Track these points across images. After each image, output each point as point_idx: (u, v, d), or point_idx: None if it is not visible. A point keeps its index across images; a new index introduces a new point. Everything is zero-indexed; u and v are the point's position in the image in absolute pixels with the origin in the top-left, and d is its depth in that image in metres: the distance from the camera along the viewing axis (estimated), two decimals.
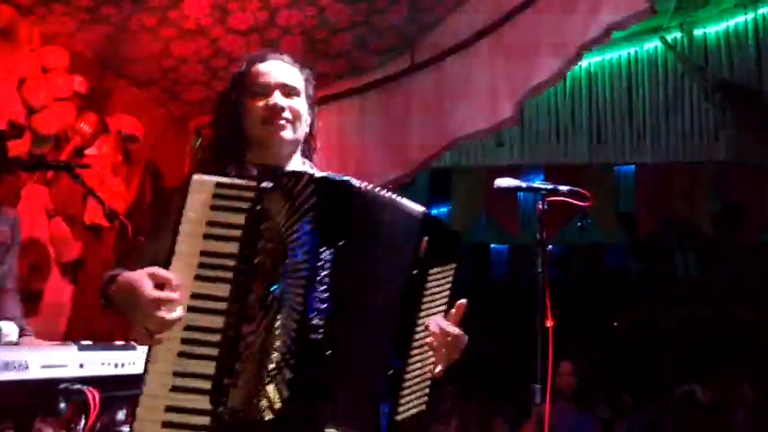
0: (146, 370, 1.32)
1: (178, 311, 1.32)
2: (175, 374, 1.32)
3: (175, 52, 3.89)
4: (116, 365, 1.98)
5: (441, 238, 1.56)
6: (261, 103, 1.61)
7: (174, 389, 1.31)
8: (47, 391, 1.75)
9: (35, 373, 1.70)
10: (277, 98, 1.60)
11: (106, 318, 3.87)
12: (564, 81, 5.06)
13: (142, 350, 1.97)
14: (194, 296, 1.35)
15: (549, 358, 2.44)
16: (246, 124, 1.62)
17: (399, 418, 1.46)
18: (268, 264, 1.36)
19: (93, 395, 1.81)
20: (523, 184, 2.34)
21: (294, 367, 1.31)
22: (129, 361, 2.02)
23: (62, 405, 1.78)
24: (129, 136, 3.97)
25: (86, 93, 3.63)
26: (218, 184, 1.40)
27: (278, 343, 1.33)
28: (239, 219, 1.38)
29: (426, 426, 1.55)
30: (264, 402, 1.31)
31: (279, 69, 1.65)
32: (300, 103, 1.64)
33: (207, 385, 1.31)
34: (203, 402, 1.31)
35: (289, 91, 1.62)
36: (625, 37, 4.89)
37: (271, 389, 1.31)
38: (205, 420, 1.31)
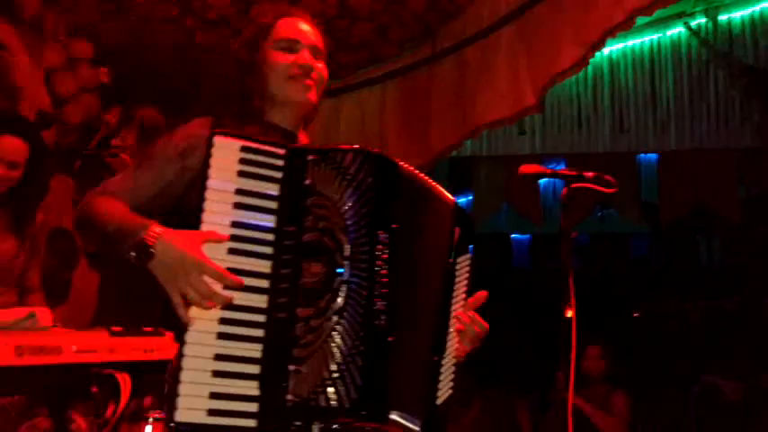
0: (182, 353, 1.20)
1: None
2: (217, 358, 1.22)
3: (199, 42, 3.92)
4: (145, 351, 2.01)
5: (466, 227, 1.55)
6: (290, 59, 1.50)
7: (217, 374, 1.21)
8: (79, 374, 1.79)
9: (69, 357, 1.74)
10: (306, 55, 1.51)
11: (130, 305, 3.94)
12: (586, 69, 5.01)
13: (170, 336, 2.01)
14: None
15: (573, 346, 2.44)
16: (268, 79, 1.50)
17: (438, 402, 1.46)
18: (328, 243, 1.28)
19: (123, 379, 1.84)
20: (548, 170, 2.32)
21: (364, 354, 1.25)
22: (158, 347, 2.06)
23: (94, 389, 1.82)
24: (153, 126, 4.01)
25: (111, 83, 3.68)
26: (246, 149, 1.29)
27: (344, 329, 1.26)
28: (273, 188, 1.30)
29: (450, 407, 1.53)
30: (334, 390, 1.23)
31: (308, 28, 1.57)
32: (324, 69, 1.57)
33: (254, 369, 1.23)
34: (251, 388, 1.23)
35: (317, 53, 1.55)
36: (648, 23, 4.82)
37: (344, 376, 1.24)
38: (253, 407, 1.22)
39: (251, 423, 1.22)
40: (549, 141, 5.10)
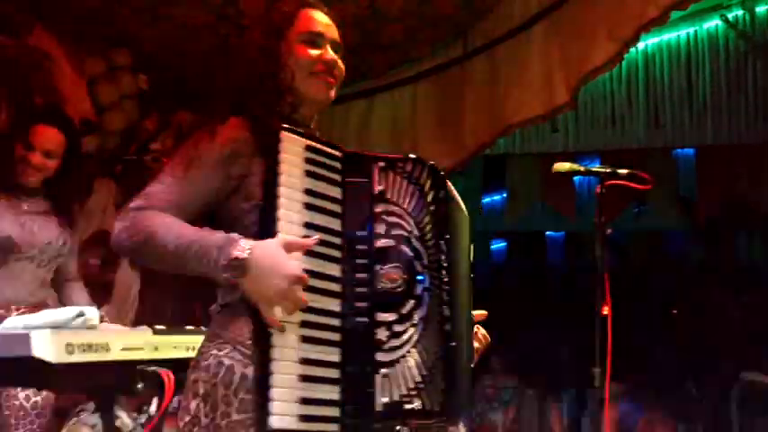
0: (268, 358, 1.17)
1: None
2: (303, 362, 1.20)
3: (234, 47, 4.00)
4: (187, 349, 2.07)
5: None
6: (313, 53, 1.45)
7: (305, 378, 1.19)
8: (125, 371, 1.85)
9: (115, 354, 1.80)
10: (332, 53, 1.46)
11: (170, 305, 4.04)
12: (620, 64, 4.98)
13: None
14: (311, 274, 1.21)
15: (609, 343, 2.43)
16: (290, 72, 1.43)
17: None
18: (406, 251, 1.31)
19: (168, 376, 1.90)
20: (582, 168, 2.33)
21: (444, 360, 1.32)
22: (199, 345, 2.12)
23: (139, 385, 1.89)
24: (190, 130, 4.11)
25: (150, 90, 3.78)
26: (310, 148, 1.27)
27: (429, 335, 1.31)
28: (336, 191, 1.28)
29: None
30: (426, 395, 1.29)
31: (329, 21, 1.51)
32: (342, 65, 1.50)
33: (334, 374, 1.23)
34: (334, 393, 1.23)
35: (337, 49, 1.49)
36: (684, 17, 4.76)
37: (432, 381, 1.30)
38: (336, 412, 1.23)
39: (334, 428, 1.23)
40: (583, 138, 5.08)
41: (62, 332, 1.66)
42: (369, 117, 4.64)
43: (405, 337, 1.28)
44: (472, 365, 1.50)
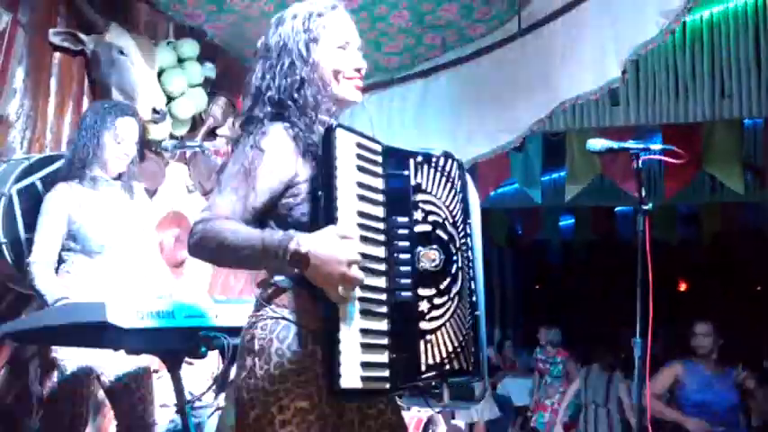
0: (336, 328, 1.37)
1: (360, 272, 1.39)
2: (361, 332, 1.39)
3: None
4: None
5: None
6: (346, 57, 1.58)
7: (363, 345, 1.39)
8: (189, 336, 2.07)
9: (180, 321, 2.03)
10: (359, 56, 1.60)
11: (239, 280, 4.30)
12: (684, 34, 4.87)
13: None
14: (363, 256, 1.40)
15: (650, 315, 2.48)
16: (324, 74, 1.57)
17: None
18: (442, 234, 1.50)
19: (228, 341, 2.10)
20: (615, 145, 2.38)
21: (473, 328, 1.56)
22: None
23: (202, 349, 2.11)
24: None
25: (216, 77, 4.01)
26: (359, 145, 1.45)
27: (463, 307, 1.52)
28: (379, 182, 1.47)
29: None
30: (463, 357, 1.51)
31: (353, 24, 1.63)
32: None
33: (384, 341, 1.42)
34: (383, 356, 1.41)
35: (361, 49, 1.63)
36: None
37: (467, 346, 1.52)
38: (385, 373, 1.42)
39: (386, 386, 1.43)
40: (645, 112, 5.00)
41: (134, 301, 1.89)
42: (425, 97, 4.74)
43: (443, 309, 1.48)
44: (487, 330, 1.70)
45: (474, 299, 1.59)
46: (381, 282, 1.44)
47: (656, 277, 2.40)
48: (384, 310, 1.43)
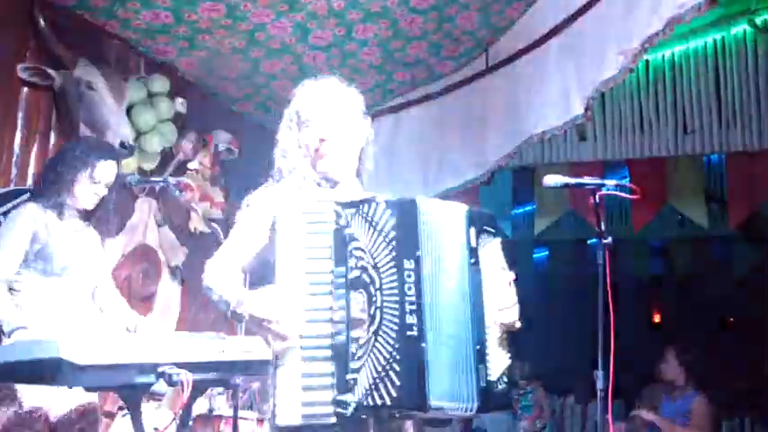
0: (275, 374, 1.63)
1: (294, 327, 1.61)
2: (303, 375, 1.61)
3: (264, 70, 4.23)
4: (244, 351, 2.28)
5: (482, 224, 1.83)
6: (309, 135, 1.85)
7: (305, 388, 1.60)
8: (149, 372, 2.05)
9: (138, 357, 2.00)
10: (320, 129, 1.84)
11: (209, 314, 4.27)
12: (647, 72, 5.02)
13: (229, 340, 2.28)
14: (307, 310, 1.63)
15: (611, 348, 2.52)
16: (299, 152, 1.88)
17: (494, 378, 1.75)
18: (365, 278, 1.65)
19: (186, 377, 2.08)
20: (571, 181, 2.44)
21: (400, 361, 1.59)
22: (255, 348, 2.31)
23: (161, 385, 2.08)
24: (227, 149, 4.36)
25: (187, 112, 4.04)
26: (306, 213, 1.68)
27: (381, 344, 1.61)
28: (327, 240, 1.67)
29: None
30: (383, 391, 1.58)
31: (323, 97, 1.88)
32: (344, 128, 1.86)
33: (329, 381, 1.61)
34: (328, 395, 1.60)
35: (332, 117, 1.85)
36: (711, 23, 4.78)
37: (387, 380, 1.59)
38: (330, 409, 1.60)
39: (331, 420, 1.60)
40: (611, 147, 5.11)
41: (89, 335, 1.88)
42: (396, 132, 4.81)
43: (365, 348, 1.62)
44: (479, 347, 1.72)
45: (413, 332, 1.62)
46: (327, 328, 1.63)
47: (629, 309, 2.42)
48: (328, 354, 1.63)
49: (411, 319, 1.62)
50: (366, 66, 4.29)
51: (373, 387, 1.59)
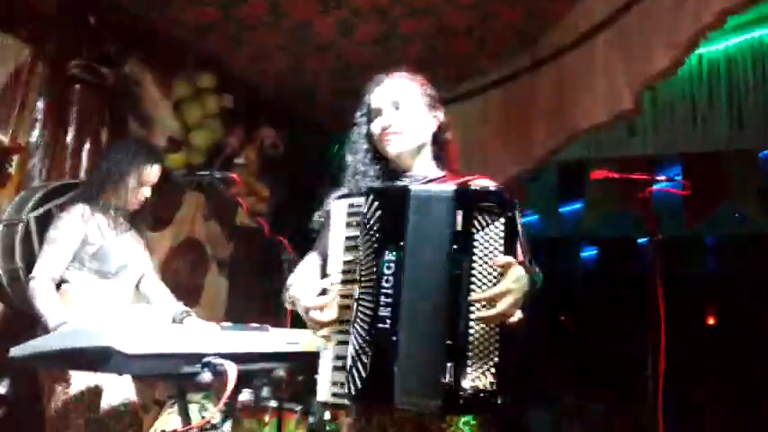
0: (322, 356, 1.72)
1: (332, 313, 1.69)
2: (336, 357, 1.70)
3: (309, 67, 4.26)
4: (288, 343, 2.34)
5: (478, 204, 1.62)
6: (375, 126, 1.90)
7: (335, 368, 1.70)
8: (196, 362, 2.09)
9: (185, 347, 2.05)
10: (384, 117, 1.88)
11: (254, 306, 4.34)
12: (701, 65, 4.87)
13: (273, 332, 2.32)
14: (342, 296, 1.70)
15: (662, 348, 2.46)
16: (371, 146, 1.93)
17: (471, 377, 1.56)
18: (354, 270, 1.70)
19: (230, 368, 2.12)
20: (618, 176, 2.39)
21: (369, 354, 1.62)
22: (264, 341, 2.34)
23: (205, 375, 2.12)
24: (272, 145, 4.41)
25: (234, 108, 4.10)
26: (350, 205, 1.75)
27: (354, 335, 1.65)
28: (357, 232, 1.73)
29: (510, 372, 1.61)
30: (350, 383, 1.62)
31: (384, 89, 1.92)
32: (407, 113, 1.88)
33: (346, 364, 1.67)
34: (342, 377, 1.68)
35: (394, 105, 1.89)
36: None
37: (352, 372, 1.63)
38: (344, 390, 1.67)
39: (346, 401, 1.68)
40: (663, 142, 4.98)
41: (138, 326, 1.93)
42: None
43: (346, 337, 1.68)
44: (451, 342, 1.57)
45: (385, 324, 1.61)
46: (348, 315, 1.68)
47: (682, 310, 2.36)
48: (345, 338, 1.69)
49: (384, 312, 1.62)
50: (410, 62, 4.27)
51: (348, 378, 1.63)
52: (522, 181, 4.61)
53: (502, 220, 1.61)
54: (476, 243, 1.61)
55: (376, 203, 1.68)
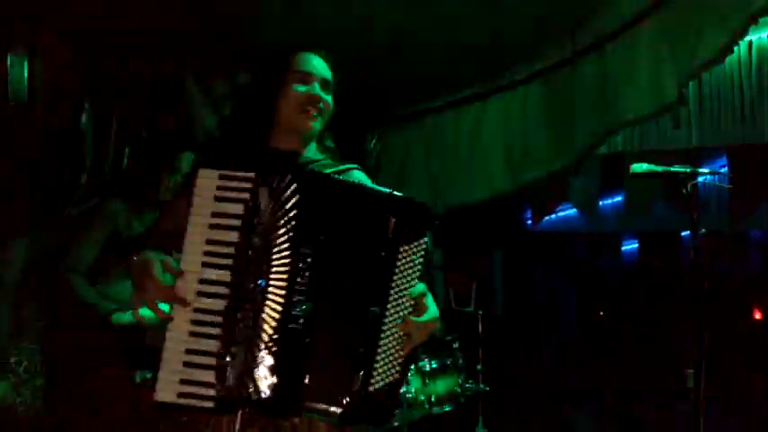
0: (163, 347, 1.47)
1: (188, 295, 1.48)
2: (188, 351, 1.46)
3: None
4: None
5: (409, 216, 1.58)
6: (302, 91, 1.71)
7: (186, 364, 1.45)
8: None
9: None
10: (317, 89, 1.73)
11: None
12: (750, 53, 4.70)
13: None
14: (201, 281, 1.48)
15: (705, 343, 2.39)
16: (279, 107, 1.71)
17: (372, 388, 1.54)
18: (256, 257, 1.48)
19: None
20: (659, 169, 2.32)
21: (277, 354, 1.46)
22: None
23: None
24: None
25: None
26: (222, 176, 1.50)
27: (264, 332, 1.46)
28: (239, 209, 1.49)
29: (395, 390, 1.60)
30: (252, 385, 1.46)
31: (320, 63, 1.78)
32: (330, 98, 1.77)
33: (213, 362, 1.46)
34: (210, 376, 1.46)
35: (326, 85, 1.76)
36: None
37: (258, 373, 1.46)
38: (211, 392, 1.45)
39: (209, 404, 1.46)
40: (708, 134, 4.83)
41: None
42: (481, 120, 4.73)
43: (244, 332, 1.48)
44: (363, 350, 1.54)
45: (298, 324, 1.48)
46: (221, 305, 1.47)
47: (726, 305, 2.28)
48: (217, 332, 1.47)
49: (298, 311, 1.48)
50: (450, 54, 4.22)
51: (247, 377, 1.45)
52: (564, 174, 4.52)
53: (425, 238, 1.59)
54: (400, 256, 1.56)
55: (294, 186, 1.50)
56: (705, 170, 2.24)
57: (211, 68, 3.65)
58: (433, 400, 3.80)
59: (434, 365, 3.89)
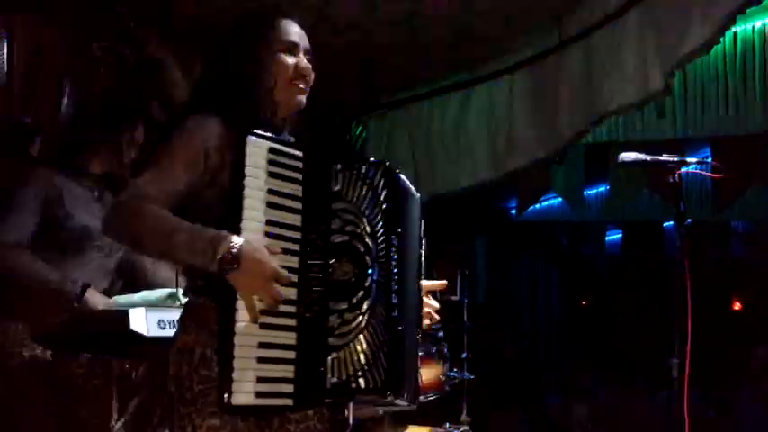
0: (231, 342, 1.33)
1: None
2: (261, 346, 1.36)
3: (332, 46, 4.19)
4: None
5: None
6: (291, 62, 1.58)
7: (261, 360, 1.36)
8: None
9: None
10: (305, 61, 1.60)
11: None
12: (735, 44, 4.72)
13: None
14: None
15: (688, 334, 2.41)
16: (262, 79, 1.56)
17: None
18: (358, 246, 1.44)
19: None
20: (648, 158, 2.32)
21: (388, 344, 1.43)
22: None
23: None
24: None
25: None
26: (273, 150, 1.41)
27: (374, 323, 1.42)
28: (297, 190, 1.43)
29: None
30: (369, 376, 1.40)
31: (301, 31, 1.65)
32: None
33: (291, 355, 1.39)
34: (288, 372, 1.39)
35: (309, 56, 1.64)
36: None
37: (375, 363, 1.41)
38: (290, 388, 1.39)
39: (289, 402, 1.40)
40: (693, 124, 4.86)
41: (155, 310, 1.91)
42: (466, 109, 4.71)
43: (353, 324, 1.41)
44: (419, 336, 1.67)
45: (396, 313, 1.47)
46: (291, 293, 1.40)
47: (708, 295, 2.30)
48: (291, 322, 1.40)
49: (395, 299, 1.47)
50: (435, 41, 4.20)
51: (365, 369, 1.39)
52: (548, 163, 4.53)
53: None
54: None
55: (383, 179, 1.47)
56: (693, 159, 2.24)
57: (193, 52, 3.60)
58: None
59: (419, 354, 3.87)
